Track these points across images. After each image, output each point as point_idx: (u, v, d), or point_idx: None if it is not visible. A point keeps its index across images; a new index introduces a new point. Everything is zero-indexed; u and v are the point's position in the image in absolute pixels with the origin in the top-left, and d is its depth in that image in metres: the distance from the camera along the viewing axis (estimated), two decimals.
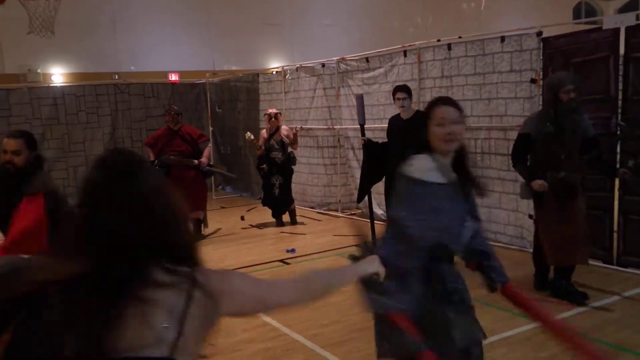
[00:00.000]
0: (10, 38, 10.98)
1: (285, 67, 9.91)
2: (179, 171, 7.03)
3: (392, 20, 15.67)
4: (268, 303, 1.51)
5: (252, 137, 7.98)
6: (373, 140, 6.65)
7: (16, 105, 9.89)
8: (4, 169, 3.42)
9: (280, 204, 8.17)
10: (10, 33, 10.73)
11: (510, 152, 6.33)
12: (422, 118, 6.38)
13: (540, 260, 4.95)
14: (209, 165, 7.54)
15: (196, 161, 7.24)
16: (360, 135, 6.58)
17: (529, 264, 5.16)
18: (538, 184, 4.62)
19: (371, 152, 6.40)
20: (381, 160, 6.16)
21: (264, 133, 8.10)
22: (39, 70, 11.48)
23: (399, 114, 6.14)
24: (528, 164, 4.90)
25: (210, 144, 7.76)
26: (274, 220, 8.33)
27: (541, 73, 5.99)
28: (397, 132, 6.06)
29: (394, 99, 6.06)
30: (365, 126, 6.46)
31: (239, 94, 10.98)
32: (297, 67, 9.51)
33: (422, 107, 7.24)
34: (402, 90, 5.94)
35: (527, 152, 4.85)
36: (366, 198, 6.52)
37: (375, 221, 6.45)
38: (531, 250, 5.28)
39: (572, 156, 4.65)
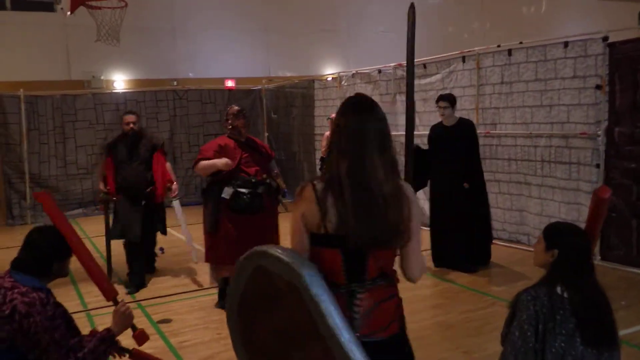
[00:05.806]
0: (77, 45, 11.40)
1: (340, 74, 9.93)
2: (270, 201, 5.01)
3: (449, 26, 15.49)
4: None
5: None
6: (421, 146, 6.65)
7: (81, 111, 10.32)
8: (128, 132, 6.07)
9: None
10: (77, 41, 11.14)
11: (571, 160, 6.21)
12: (465, 125, 6.26)
13: None
14: None
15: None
16: None
17: (602, 276, 4.89)
18: None
19: (417, 158, 6.47)
20: (426, 167, 6.19)
21: (327, 135, 8.30)
22: (102, 77, 11.88)
23: (441, 122, 6.13)
24: None
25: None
26: None
27: (607, 79, 5.80)
28: (438, 139, 6.09)
29: (437, 106, 6.10)
30: (419, 133, 6.42)
31: (294, 100, 11.07)
32: (353, 74, 9.51)
33: (481, 114, 7.13)
34: (443, 100, 6.01)
35: None
36: None
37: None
38: (597, 261, 5.06)
39: None
